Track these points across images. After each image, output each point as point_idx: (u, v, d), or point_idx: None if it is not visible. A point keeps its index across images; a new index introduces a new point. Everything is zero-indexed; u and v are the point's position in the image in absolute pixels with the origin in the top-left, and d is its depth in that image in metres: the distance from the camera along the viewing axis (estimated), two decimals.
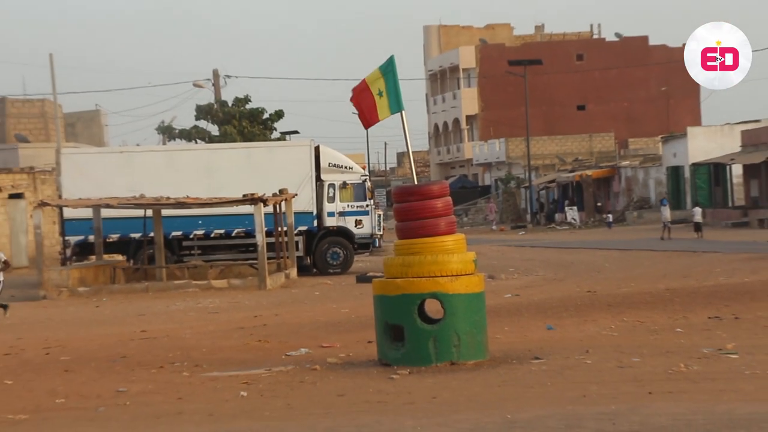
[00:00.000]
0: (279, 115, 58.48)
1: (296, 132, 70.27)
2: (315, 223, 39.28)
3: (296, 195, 37.73)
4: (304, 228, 39.08)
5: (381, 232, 41.86)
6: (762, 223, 53.94)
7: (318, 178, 39.25)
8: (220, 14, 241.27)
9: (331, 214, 39.39)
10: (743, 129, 63.83)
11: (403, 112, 16.56)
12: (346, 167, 39.95)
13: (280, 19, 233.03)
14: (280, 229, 37.43)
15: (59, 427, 12.16)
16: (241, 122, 56.71)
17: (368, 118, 16.60)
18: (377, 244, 41.10)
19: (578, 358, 15.31)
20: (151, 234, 37.32)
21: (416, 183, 16.20)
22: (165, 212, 36.86)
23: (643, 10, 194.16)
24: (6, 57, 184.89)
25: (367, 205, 39.80)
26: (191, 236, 38.97)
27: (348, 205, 39.50)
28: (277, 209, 37.08)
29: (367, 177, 41.37)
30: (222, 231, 38.87)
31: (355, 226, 39.48)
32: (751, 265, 32.34)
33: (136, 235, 38.33)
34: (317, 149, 39.67)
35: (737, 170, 62.29)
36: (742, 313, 19.89)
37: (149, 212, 37.00)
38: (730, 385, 12.81)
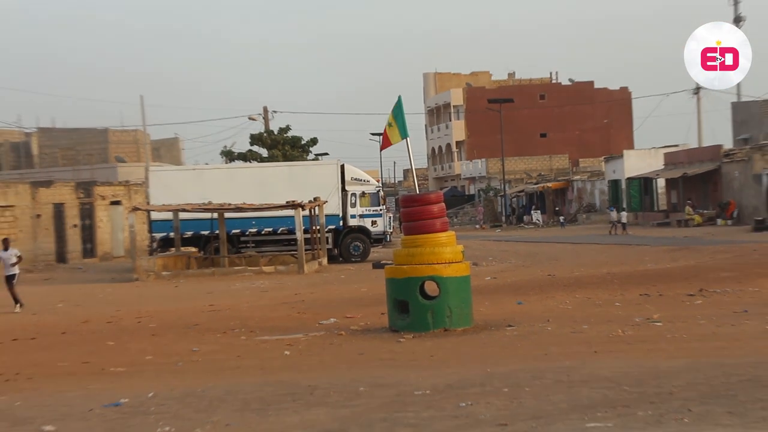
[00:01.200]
0: (314, 141, 58.30)
1: (326, 153, 70.01)
2: (341, 223, 39.24)
3: (326, 202, 37.68)
4: (332, 227, 39.05)
5: (391, 230, 41.86)
6: (679, 223, 53.75)
7: (343, 189, 39.21)
8: (272, 69, 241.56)
9: (353, 216, 39.36)
10: (665, 152, 63.66)
11: (408, 138, 16.59)
12: (364, 180, 39.91)
13: (314, 67, 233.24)
14: (314, 227, 37.50)
15: (148, 377, 12.20)
16: (284, 147, 56.59)
17: (383, 143, 16.75)
18: (388, 239, 41.04)
19: (541, 325, 15.30)
20: (217, 231, 37.39)
21: (418, 192, 16.22)
22: (227, 215, 36.88)
23: (589, 62, 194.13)
24: (108, 97, 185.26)
25: (381, 210, 39.77)
26: (247, 233, 38.96)
27: (366, 210, 39.45)
28: (312, 213, 37.15)
29: (381, 188, 41.36)
30: (270, 229, 38.86)
31: (372, 225, 39.43)
32: (672, 255, 32.25)
33: (205, 233, 38.38)
34: (342, 167, 39.65)
35: (661, 183, 62.23)
36: (665, 291, 19.85)
37: (215, 215, 37.06)
38: (655, 346, 12.80)
